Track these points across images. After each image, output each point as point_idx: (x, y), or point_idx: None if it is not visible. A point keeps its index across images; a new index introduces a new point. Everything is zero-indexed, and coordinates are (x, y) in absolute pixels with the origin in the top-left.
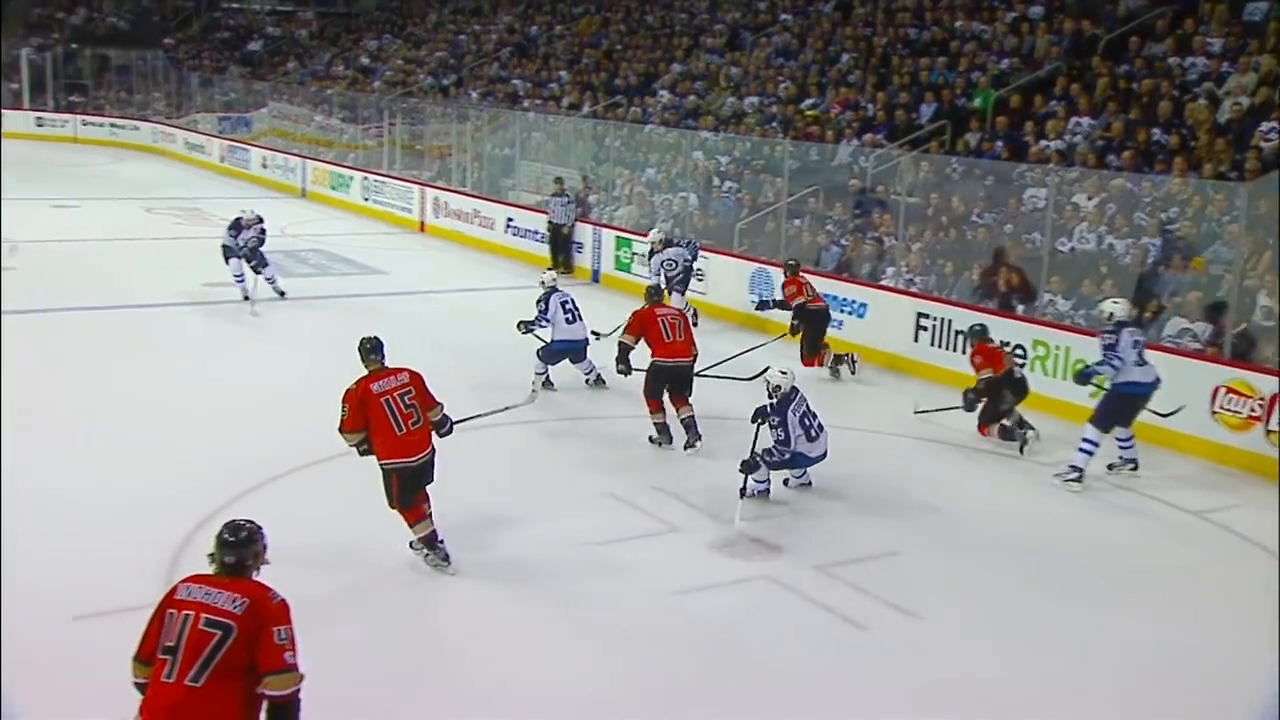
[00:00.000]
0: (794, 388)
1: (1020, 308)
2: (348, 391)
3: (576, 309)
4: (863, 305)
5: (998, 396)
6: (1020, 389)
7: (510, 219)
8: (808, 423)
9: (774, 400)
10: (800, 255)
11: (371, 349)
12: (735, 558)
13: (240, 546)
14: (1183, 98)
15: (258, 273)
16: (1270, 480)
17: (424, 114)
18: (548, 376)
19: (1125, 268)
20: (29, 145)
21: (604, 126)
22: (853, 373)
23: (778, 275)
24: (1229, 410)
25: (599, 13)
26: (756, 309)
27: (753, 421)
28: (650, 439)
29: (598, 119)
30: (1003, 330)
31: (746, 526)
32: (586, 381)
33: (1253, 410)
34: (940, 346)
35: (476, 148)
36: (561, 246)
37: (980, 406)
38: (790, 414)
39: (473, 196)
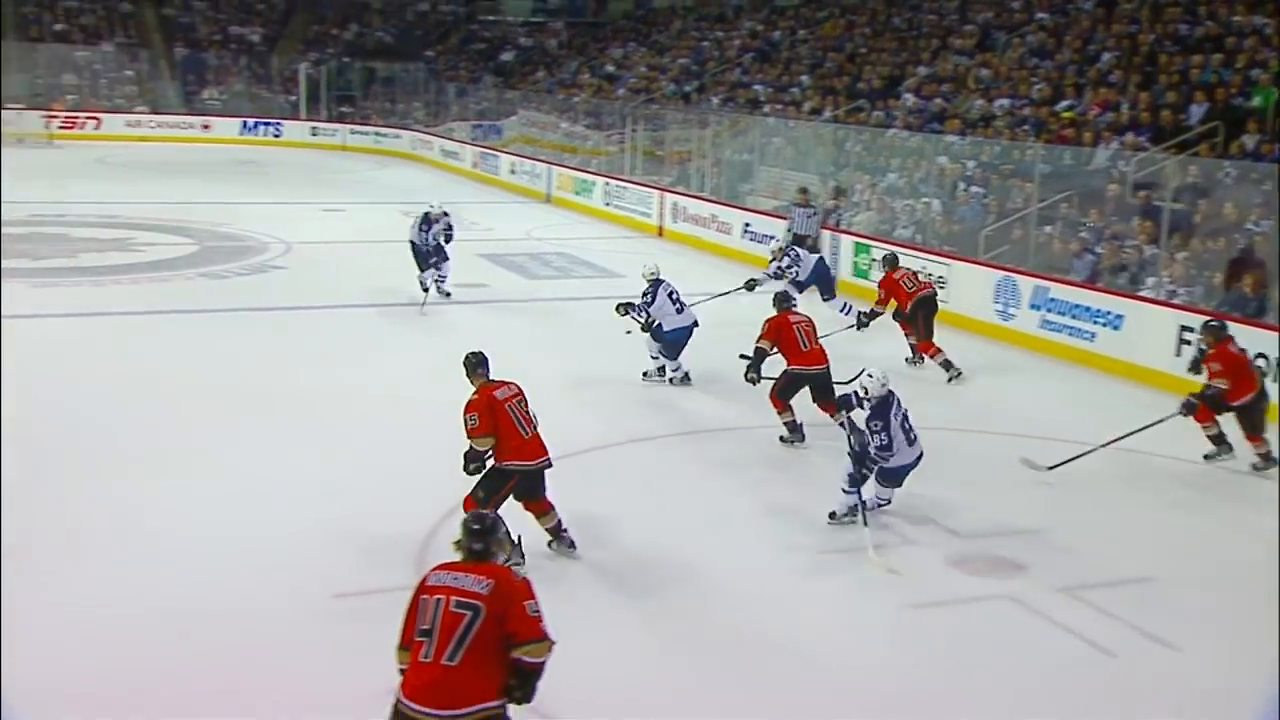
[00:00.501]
0: (890, 390)
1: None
2: (471, 401)
3: (682, 299)
4: (1118, 316)
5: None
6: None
7: (747, 224)
8: (907, 426)
9: (872, 406)
10: (1050, 263)
11: (478, 363)
12: (973, 575)
13: (485, 535)
14: None
15: (436, 268)
16: None
17: (665, 120)
18: (685, 373)
19: None
20: (305, 153)
21: (845, 131)
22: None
23: (1025, 283)
24: None
25: (843, 17)
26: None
27: (849, 432)
28: (781, 439)
29: (839, 123)
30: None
31: (985, 545)
32: (671, 381)
33: None
34: None
35: (716, 153)
36: None
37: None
38: (892, 418)
39: (711, 201)
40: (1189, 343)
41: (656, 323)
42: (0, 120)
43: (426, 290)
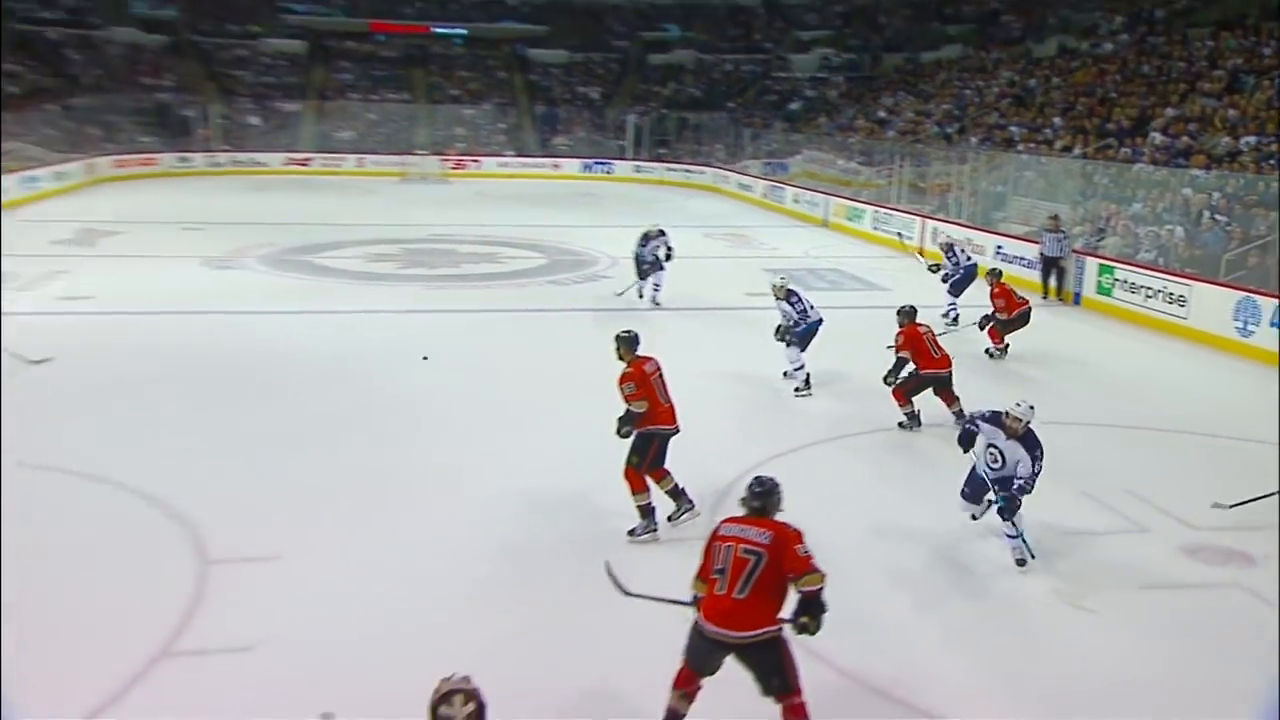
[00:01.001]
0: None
1: None
2: (626, 373)
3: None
4: None
5: None
6: None
7: (999, 246)
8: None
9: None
10: None
11: (633, 341)
12: (1204, 563)
13: (766, 495)
14: None
15: (653, 279)
16: None
17: (928, 157)
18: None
19: None
20: (630, 186)
21: (1093, 166)
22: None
23: (1266, 303)
24: None
25: (1095, 65)
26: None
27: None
28: (900, 424)
29: (1087, 159)
30: None
31: (1210, 535)
32: (785, 374)
33: None
34: None
35: (973, 185)
36: (1053, 275)
37: None
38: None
39: (966, 226)
40: None
41: (800, 326)
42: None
43: (641, 296)
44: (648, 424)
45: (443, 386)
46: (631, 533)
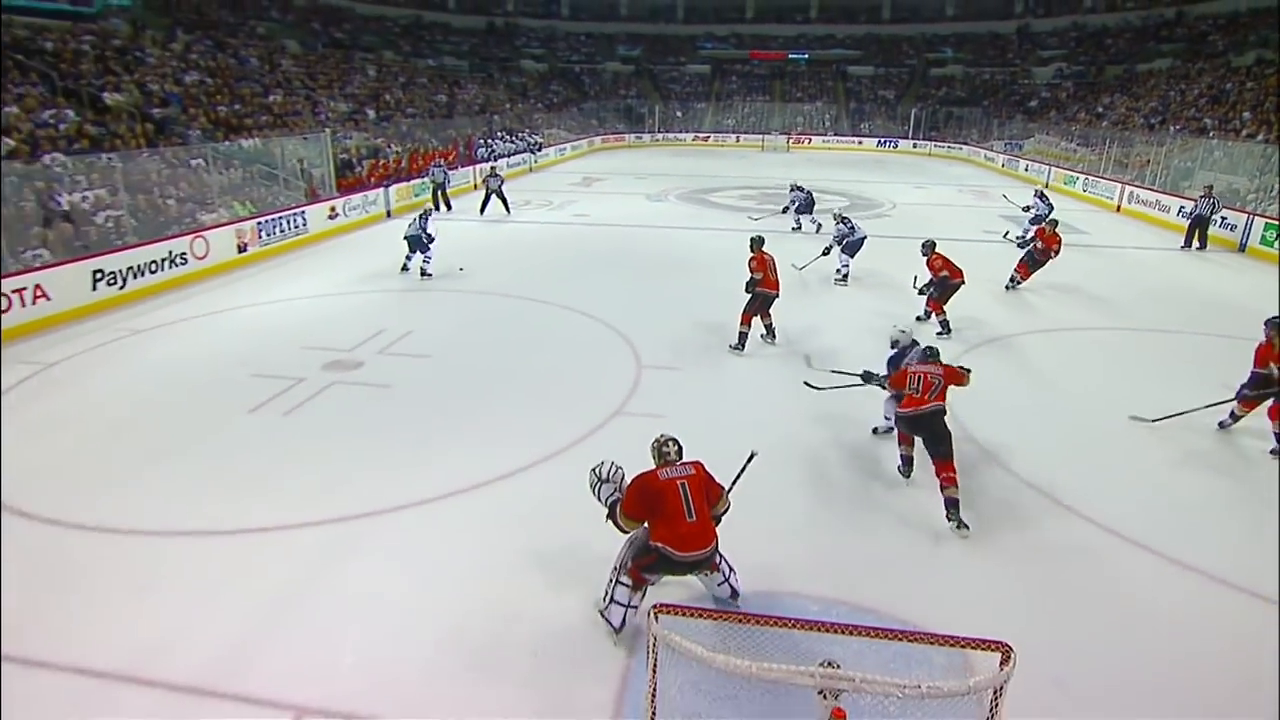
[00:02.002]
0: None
1: None
2: (751, 259)
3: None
4: None
5: None
6: None
7: (1182, 206)
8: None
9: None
10: None
11: (760, 241)
12: None
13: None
14: None
15: (800, 225)
16: None
17: (1132, 141)
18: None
19: None
20: (908, 158)
21: (1273, 148)
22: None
23: None
24: None
25: None
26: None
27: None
28: (939, 333)
29: (1269, 143)
30: None
31: None
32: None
33: None
34: None
35: (1167, 161)
36: (1197, 231)
37: None
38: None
39: (1156, 190)
40: None
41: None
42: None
43: (798, 227)
44: (760, 288)
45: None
46: (732, 346)
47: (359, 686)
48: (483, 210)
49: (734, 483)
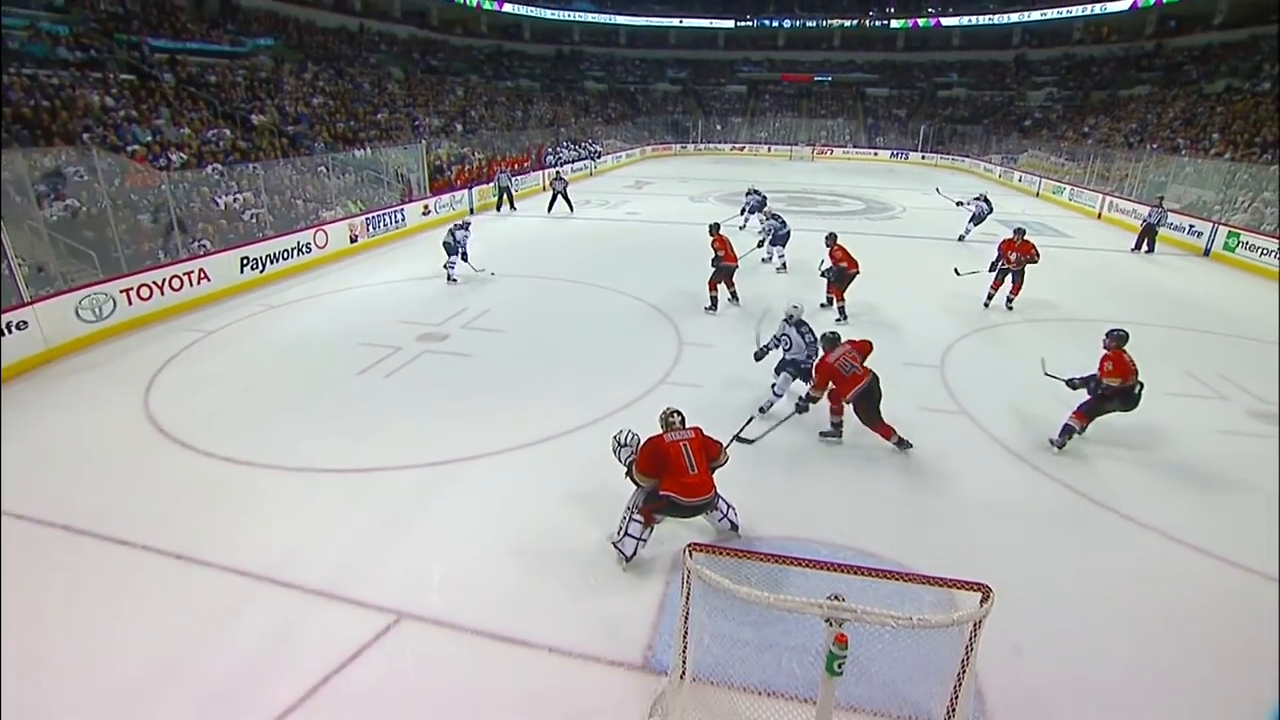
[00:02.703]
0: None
1: None
2: (713, 241)
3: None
4: None
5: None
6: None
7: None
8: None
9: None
10: None
11: (715, 226)
12: (1265, 422)
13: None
14: None
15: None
16: None
17: (1113, 157)
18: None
19: None
20: (916, 168)
21: (1237, 165)
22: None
23: None
24: None
25: (1252, 98)
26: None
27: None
28: (837, 321)
29: (1234, 160)
30: None
31: (1270, 406)
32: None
33: None
34: None
35: (1143, 175)
36: (1147, 237)
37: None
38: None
39: (1132, 200)
40: None
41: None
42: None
43: (743, 228)
44: (724, 262)
45: (804, 264)
46: (706, 308)
47: (446, 597)
48: (550, 209)
49: (734, 438)
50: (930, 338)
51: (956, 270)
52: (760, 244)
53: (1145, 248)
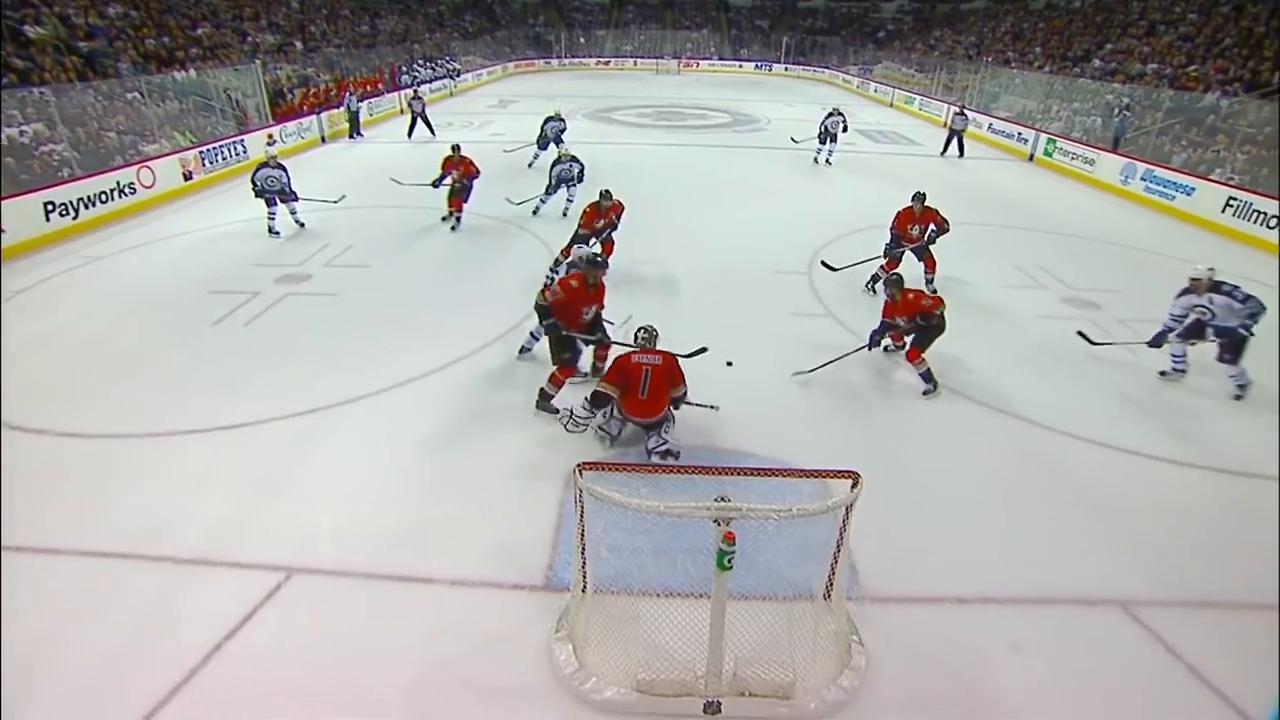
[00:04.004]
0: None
1: None
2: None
3: None
4: (1192, 188)
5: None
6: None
7: (990, 123)
8: None
9: None
10: (1159, 156)
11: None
12: (1073, 306)
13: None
14: None
15: (544, 148)
16: None
17: (956, 69)
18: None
19: None
20: (780, 79)
21: (1055, 78)
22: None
23: (1140, 166)
24: None
25: (1066, 15)
26: None
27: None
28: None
29: (1053, 74)
30: None
31: (1080, 293)
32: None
33: None
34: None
35: (981, 86)
36: (955, 139)
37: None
38: None
39: (972, 110)
40: (1234, 204)
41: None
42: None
43: (535, 160)
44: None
45: (677, 179)
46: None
47: (337, 546)
48: (410, 133)
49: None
50: (798, 244)
51: (793, 139)
52: (548, 191)
53: (956, 152)
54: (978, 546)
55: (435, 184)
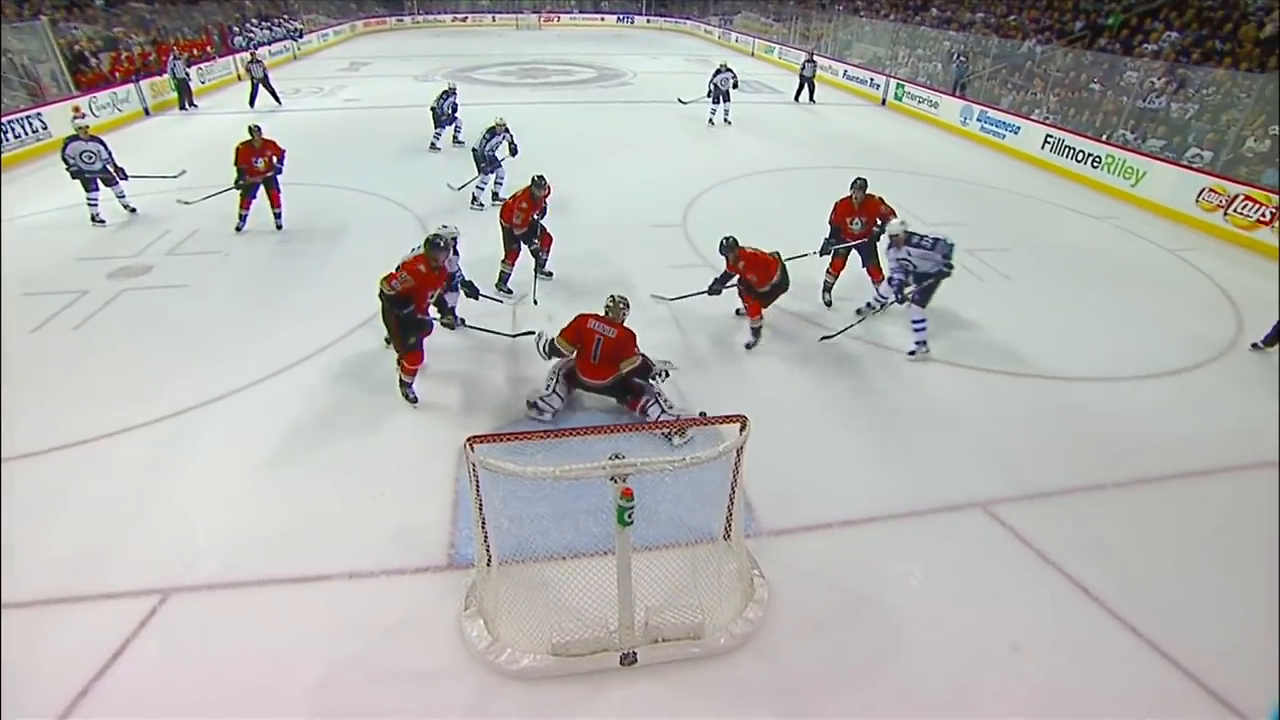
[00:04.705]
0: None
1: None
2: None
3: None
4: (1018, 126)
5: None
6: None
7: (845, 69)
8: None
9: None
10: (990, 99)
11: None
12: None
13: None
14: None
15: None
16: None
17: (810, 17)
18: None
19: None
20: (641, 30)
21: (898, 25)
22: None
23: (974, 108)
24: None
25: None
26: None
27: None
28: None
29: (894, 21)
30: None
31: (931, 227)
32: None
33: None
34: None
35: (834, 34)
36: (805, 86)
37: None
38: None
39: (826, 57)
40: (1050, 141)
41: None
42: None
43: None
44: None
45: (547, 139)
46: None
47: (218, 557)
48: (252, 102)
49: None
50: (672, 198)
51: (681, 99)
52: (483, 171)
53: (807, 98)
54: (858, 473)
55: (238, 184)
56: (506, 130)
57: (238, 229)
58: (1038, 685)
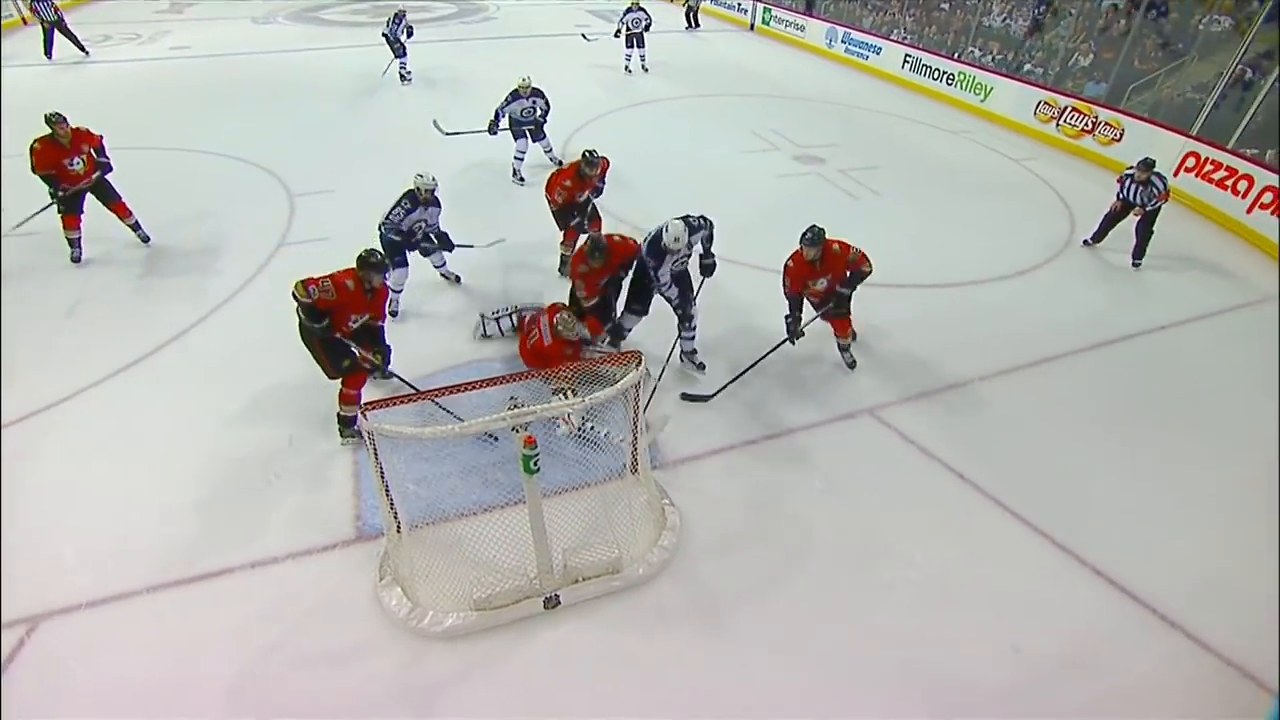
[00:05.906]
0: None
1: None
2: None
3: None
4: (879, 48)
5: None
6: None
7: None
8: None
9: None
10: (850, 20)
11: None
12: (802, 163)
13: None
14: None
15: (400, 56)
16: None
17: None
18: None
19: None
20: None
21: None
22: None
23: (841, 31)
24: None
25: None
26: None
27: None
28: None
29: None
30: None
31: (809, 150)
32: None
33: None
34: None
35: None
36: (693, 14)
37: None
38: None
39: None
40: (909, 60)
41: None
42: None
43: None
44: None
45: (418, 76)
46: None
47: (95, 570)
48: (48, 52)
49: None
50: (560, 136)
51: (584, 35)
52: (494, 128)
53: (694, 25)
54: (740, 395)
55: (55, 197)
56: (538, 92)
57: (74, 259)
58: (930, 571)
